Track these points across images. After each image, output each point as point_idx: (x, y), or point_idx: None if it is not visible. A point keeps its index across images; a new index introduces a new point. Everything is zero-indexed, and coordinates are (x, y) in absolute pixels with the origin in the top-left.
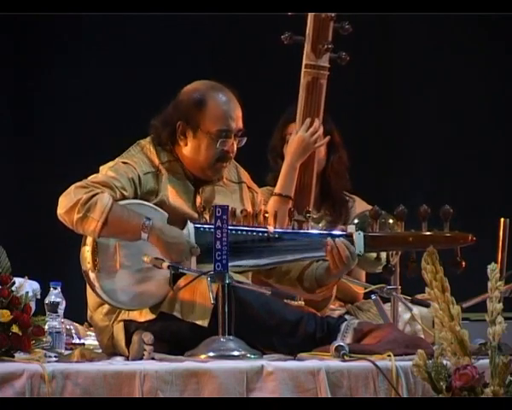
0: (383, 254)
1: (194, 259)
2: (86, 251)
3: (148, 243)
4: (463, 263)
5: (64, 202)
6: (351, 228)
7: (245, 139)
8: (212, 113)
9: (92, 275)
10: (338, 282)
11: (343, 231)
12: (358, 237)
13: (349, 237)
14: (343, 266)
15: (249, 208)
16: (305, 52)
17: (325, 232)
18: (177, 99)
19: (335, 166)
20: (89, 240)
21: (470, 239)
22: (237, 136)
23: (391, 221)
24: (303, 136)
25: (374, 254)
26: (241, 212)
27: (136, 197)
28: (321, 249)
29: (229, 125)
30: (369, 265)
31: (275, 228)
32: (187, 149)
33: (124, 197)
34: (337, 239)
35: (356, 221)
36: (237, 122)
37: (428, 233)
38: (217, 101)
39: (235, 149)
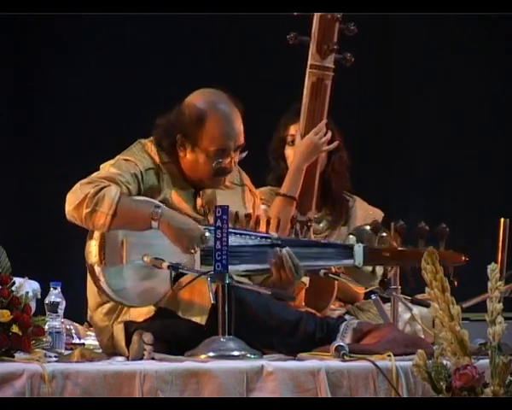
0: (378, 269)
1: (197, 257)
2: (93, 245)
3: (154, 237)
4: (456, 282)
5: (72, 199)
6: (351, 239)
7: (245, 153)
8: (210, 132)
9: (98, 269)
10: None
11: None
12: (358, 249)
13: (349, 248)
14: (285, 277)
15: (251, 211)
16: (310, 53)
17: (327, 242)
18: (179, 108)
19: (336, 166)
20: (96, 234)
21: (463, 260)
22: (236, 151)
23: (384, 234)
24: (312, 138)
25: (369, 268)
26: (246, 216)
27: (139, 193)
28: (320, 259)
29: (227, 145)
30: (364, 278)
31: (277, 233)
32: (186, 159)
33: (129, 192)
34: (283, 249)
35: (354, 234)
36: (236, 139)
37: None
38: (216, 119)
39: (234, 163)
